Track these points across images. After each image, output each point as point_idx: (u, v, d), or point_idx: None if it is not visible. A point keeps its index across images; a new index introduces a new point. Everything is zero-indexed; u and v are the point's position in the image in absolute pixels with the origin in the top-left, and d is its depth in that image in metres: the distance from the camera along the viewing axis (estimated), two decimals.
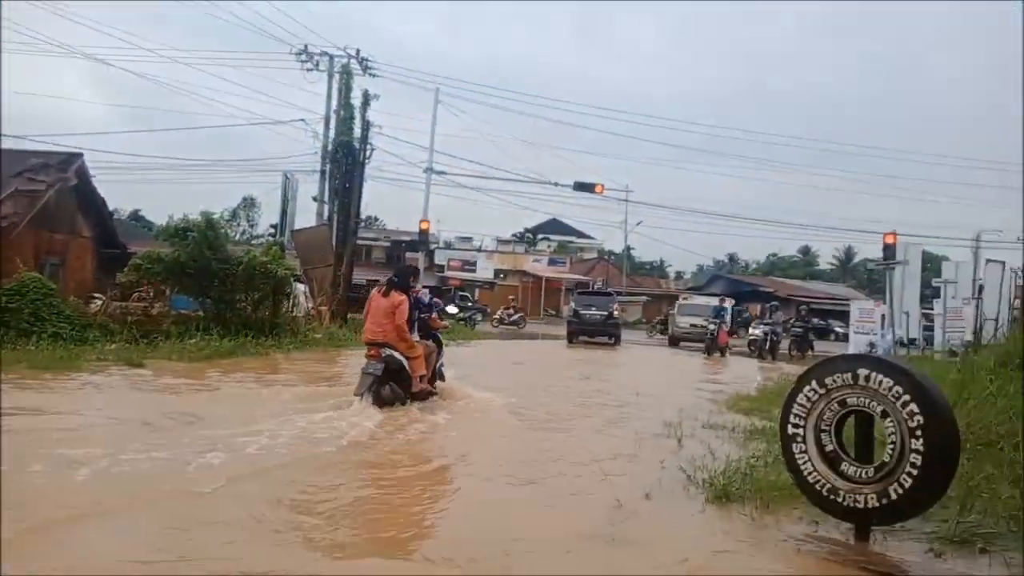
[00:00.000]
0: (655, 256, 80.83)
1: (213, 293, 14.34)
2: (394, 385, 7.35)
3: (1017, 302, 19.98)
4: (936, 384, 3.76)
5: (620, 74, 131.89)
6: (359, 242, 46.62)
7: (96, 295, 15.41)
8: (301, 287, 18.32)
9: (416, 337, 7.80)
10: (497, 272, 50.06)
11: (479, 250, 55.16)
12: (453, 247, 54.84)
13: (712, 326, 20.58)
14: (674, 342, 25.15)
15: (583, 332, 22.99)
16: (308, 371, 11.06)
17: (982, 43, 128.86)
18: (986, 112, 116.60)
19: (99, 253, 19.47)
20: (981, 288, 20.10)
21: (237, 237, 56.60)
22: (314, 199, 24.73)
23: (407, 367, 7.41)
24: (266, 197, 48.25)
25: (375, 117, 21.83)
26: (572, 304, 24.21)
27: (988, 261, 22.15)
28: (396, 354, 7.31)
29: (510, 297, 41.25)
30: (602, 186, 28.86)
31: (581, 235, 70.99)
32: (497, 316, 31.96)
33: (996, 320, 18.21)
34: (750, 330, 23.23)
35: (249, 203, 61.47)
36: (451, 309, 12.42)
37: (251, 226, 63.86)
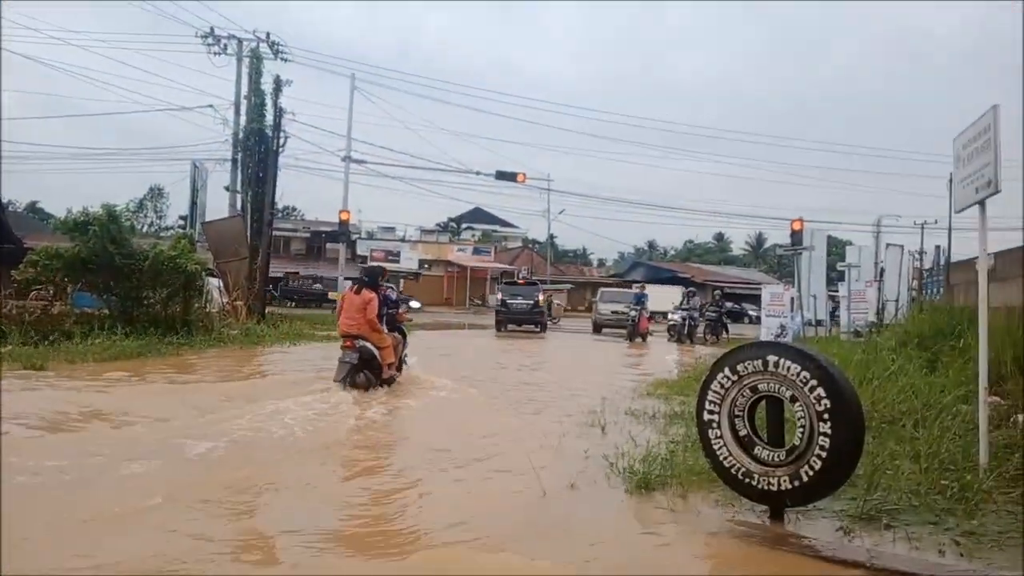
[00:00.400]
0: (578, 244, 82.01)
1: (118, 290, 13.59)
2: (367, 372, 8.27)
3: (915, 283, 21.21)
4: (841, 369, 3.90)
5: (540, 63, 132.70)
6: (276, 233, 45.28)
7: None
8: (214, 281, 17.60)
9: (385, 330, 8.65)
10: (422, 262, 49.59)
11: (403, 240, 54.51)
12: (376, 237, 53.98)
13: (633, 312, 21.01)
14: (597, 328, 25.63)
15: (511, 321, 23.65)
16: (226, 369, 10.64)
17: (879, 30, 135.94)
18: (884, 100, 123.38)
19: None
20: (882, 271, 21.30)
21: (145, 229, 53.96)
22: (226, 189, 23.78)
23: (378, 356, 8.34)
24: (175, 187, 46.20)
25: (288, 104, 21.20)
26: (499, 294, 24.74)
27: (888, 245, 23.47)
28: (369, 345, 8.23)
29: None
30: (524, 175, 28.93)
31: (505, 224, 71.16)
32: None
33: (896, 301, 19.33)
34: (668, 315, 23.87)
35: (156, 193, 58.67)
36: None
37: (159, 217, 61.03)
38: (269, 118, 20.83)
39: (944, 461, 4.84)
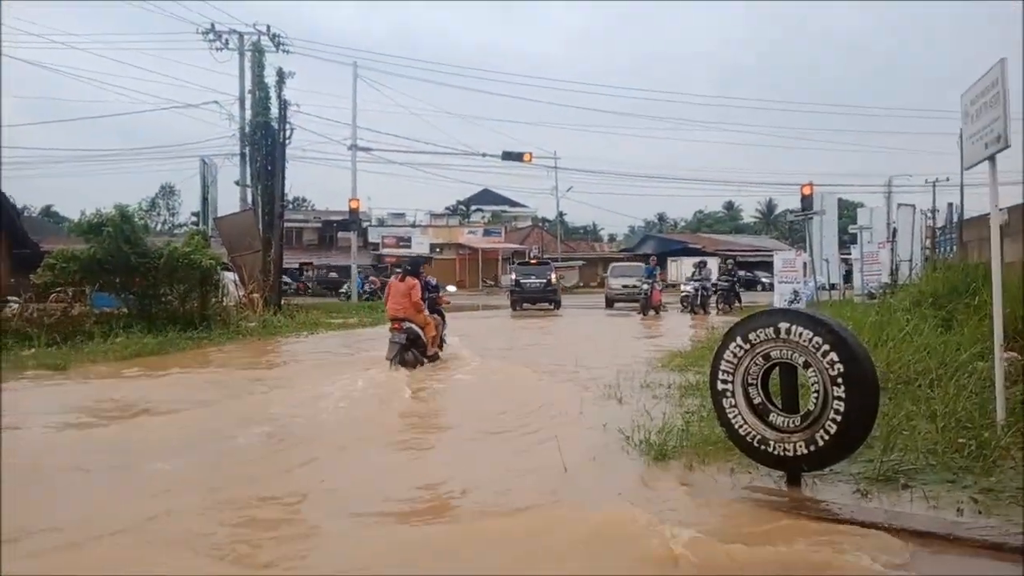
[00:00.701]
0: (588, 220, 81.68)
1: (136, 288, 13.77)
2: (415, 351, 9.25)
3: (928, 242, 20.98)
4: (853, 333, 3.92)
5: (540, 47, 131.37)
6: (288, 225, 45.48)
7: (12, 298, 14.58)
8: (230, 276, 17.75)
9: (427, 312, 9.63)
10: (433, 246, 49.64)
11: (413, 225, 54.57)
12: (386, 224, 54.07)
13: (645, 286, 20.98)
14: (609, 303, 25.66)
15: (525, 300, 24.11)
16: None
17: None
18: (887, 62, 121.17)
19: (10, 254, 18.38)
20: (895, 231, 21.10)
21: (158, 227, 54.41)
22: (236, 183, 23.91)
23: (422, 336, 9.37)
24: (185, 184, 46.45)
25: (292, 96, 21.17)
26: (513, 274, 25.15)
27: (900, 205, 23.22)
28: (414, 326, 9.22)
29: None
30: (530, 154, 28.87)
31: (514, 204, 70.94)
32: None
33: (910, 261, 19.18)
34: (681, 287, 23.85)
35: (168, 191, 59.08)
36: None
37: (172, 215, 61.49)
38: (274, 111, 20.85)
39: (961, 419, 4.85)
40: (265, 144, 20.51)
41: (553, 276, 24.25)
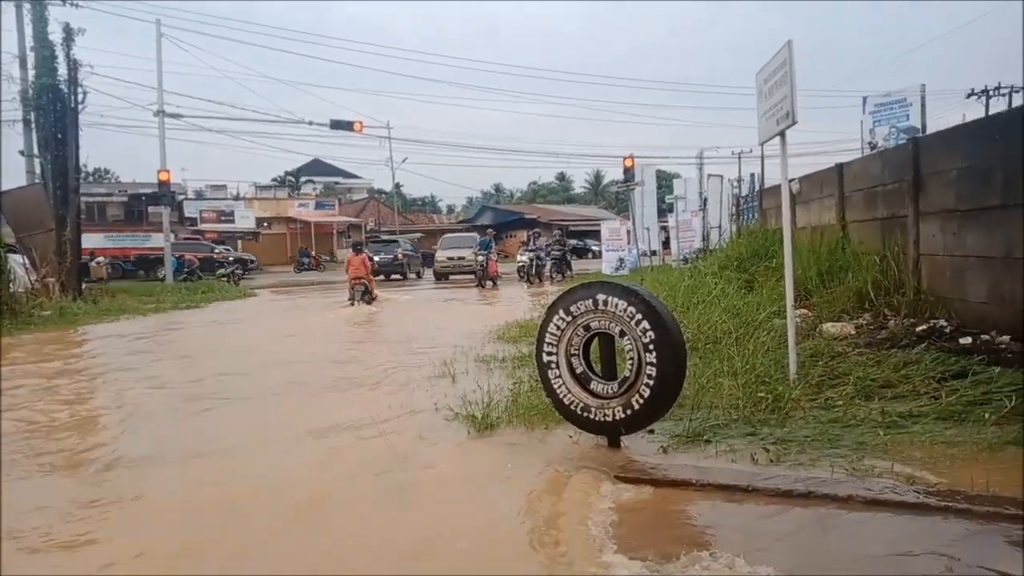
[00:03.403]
0: (426, 192, 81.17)
1: None
2: (367, 295, 15.32)
3: (734, 210, 22.86)
4: (662, 301, 4.10)
5: (372, 9, 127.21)
6: (88, 199, 41.15)
7: None
8: (17, 259, 15.72)
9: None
10: (260, 220, 46.98)
11: (236, 198, 51.23)
12: (205, 197, 50.35)
13: (481, 258, 21.20)
14: (438, 277, 25.59)
15: (378, 273, 25.41)
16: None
17: None
18: (701, 42, 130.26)
19: None
20: (705, 200, 22.81)
21: None
22: (21, 153, 21.07)
23: (369, 288, 15.52)
24: None
25: (87, 56, 18.95)
26: (365, 251, 27.10)
27: (710, 176, 25.10)
28: (365, 282, 15.42)
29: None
30: (361, 123, 27.98)
31: (348, 175, 68.75)
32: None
33: (719, 228, 20.83)
34: (517, 256, 24.38)
35: None
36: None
37: None
38: (63, 72, 18.47)
39: (760, 375, 5.29)
40: (54, 109, 18.13)
41: (400, 252, 28.38)
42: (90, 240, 26.64)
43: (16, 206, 17.73)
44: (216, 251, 32.80)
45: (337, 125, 27.89)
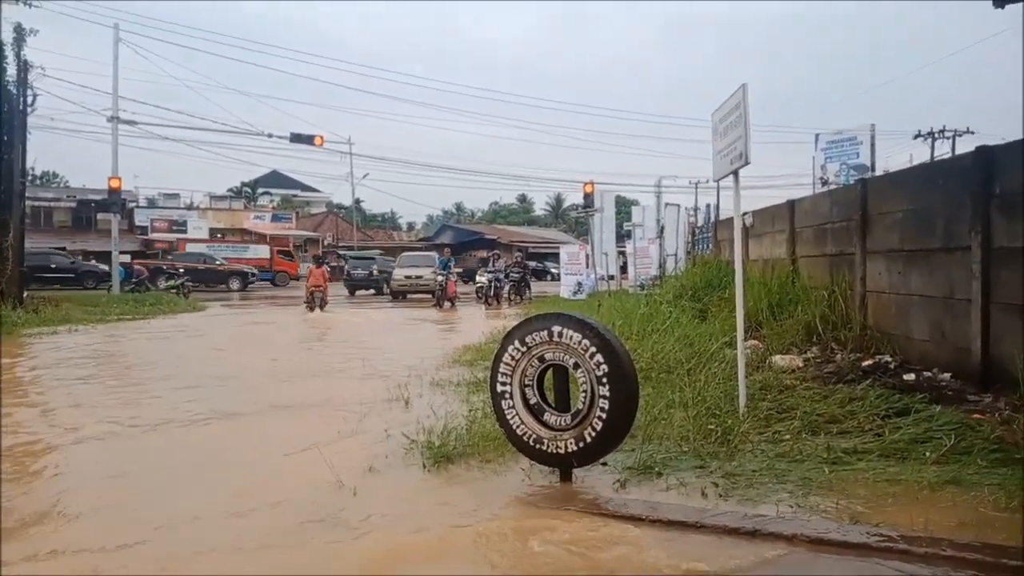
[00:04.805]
0: (386, 208, 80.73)
1: None
2: (322, 301, 18.15)
3: (690, 239, 23.24)
4: (615, 335, 4.13)
5: (341, 26, 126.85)
6: (34, 204, 39.83)
7: None
8: None
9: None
10: (213, 231, 46.04)
11: (189, 208, 50.18)
12: (158, 205, 49.19)
13: (440, 278, 21.11)
14: (395, 295, 25.30)
15: (357, 287, 29.81)
16: None
17: (659, 9, 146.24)
18: (665, 73, 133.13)
19: None
20: (663, 228, 23.18)
21: None
22: None
23: (325, 295, 18.34)
24: None
25: (39, 58, 18.39)
26: (346, 266, 32.30)
27: (667, 204, 25.54)
28: (323, 290, 18.36)
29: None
30: (321, 138, 27.69)
31: (306, 188, 67.98)
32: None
33: (675, 256, 21.18)
34: (477, 278, 24.35)
35: None
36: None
37: None
38: (12, 72, 17.91)
39: (710, 407, 5.35)
40: (0, 111, 17.54)
41: (375, 268, 30.33)
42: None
43: None
44: (209, 262, 33.44)
45: (297, 139, 27.58)
